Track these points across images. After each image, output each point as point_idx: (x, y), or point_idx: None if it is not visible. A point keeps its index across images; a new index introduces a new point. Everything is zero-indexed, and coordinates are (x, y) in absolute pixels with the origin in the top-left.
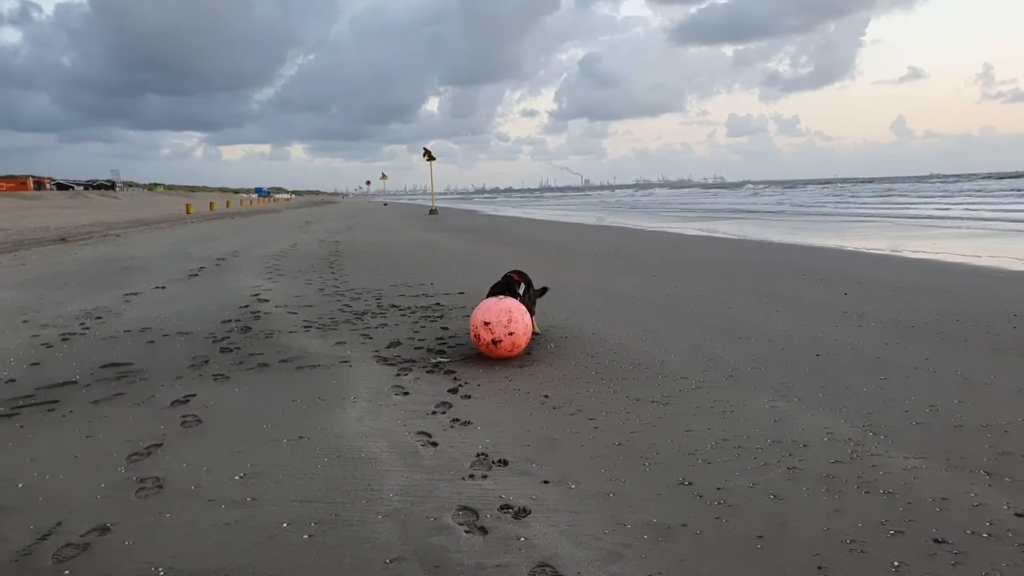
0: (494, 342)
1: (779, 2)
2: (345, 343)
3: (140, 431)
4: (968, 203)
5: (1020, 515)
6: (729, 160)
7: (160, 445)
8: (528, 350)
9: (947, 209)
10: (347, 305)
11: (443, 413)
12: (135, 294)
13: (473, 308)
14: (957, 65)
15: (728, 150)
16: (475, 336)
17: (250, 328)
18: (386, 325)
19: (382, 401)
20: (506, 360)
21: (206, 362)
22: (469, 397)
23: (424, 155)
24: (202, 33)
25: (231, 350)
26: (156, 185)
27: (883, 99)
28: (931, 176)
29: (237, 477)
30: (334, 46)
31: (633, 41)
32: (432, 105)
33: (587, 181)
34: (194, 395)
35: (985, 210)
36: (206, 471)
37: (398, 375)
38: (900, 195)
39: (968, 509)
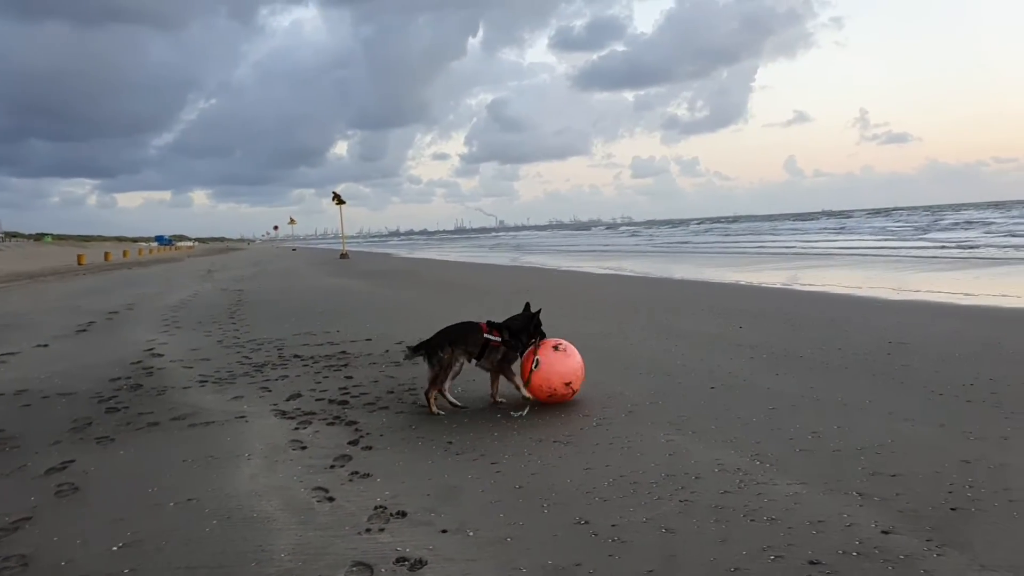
0: (555, 394)
1: (674, 49)
2: (242, 397)
3: (7, 504)
4: (852, 237)
5: (887, 532)
6: (636, 200)
7: (29, 519)
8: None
9: (834, 243)
10: (247, 357)
11: (342, 467)
12: (11, 354)
13: (379, 354)
14: (837, 109)
15: (634, 191)
16: (548, 395)
17: (141, 385)
18: (287, 377)
19: (278, 457)
20: (410, 408)
21: (89, 424)
22: (370, 448)
23: (334, 199)
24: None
25: (118, 410)
26: (43, 235)
27: (774, 141)
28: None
29: (115, 548)
30: (237, 90)
31: (539, 87)
32: (340, 149)
33: (501, 222)
34: (72, 461)
35: (867, 243)
36: (80, 544)
37: (296, 428)
38: (794, 231)
39: (841, 529)
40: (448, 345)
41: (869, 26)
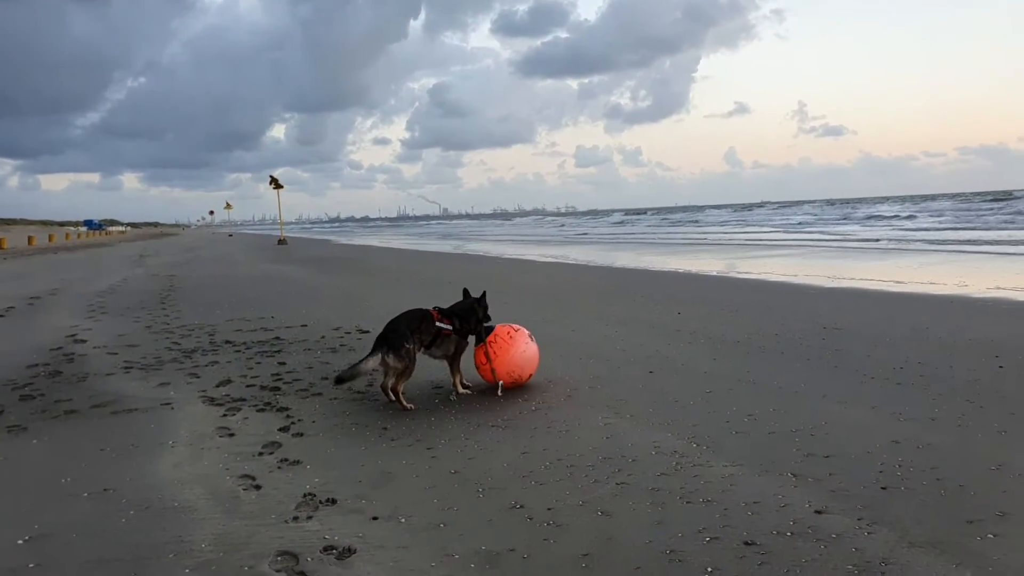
0: (517, 382)
1: (617, 38)
2: (169, 384)
3: None
4: (790, 227)
5: (819, 512)
6: (579, 190)
7: None
8: (369, 382)
9: (772, 232)
10: (176, 343)
11: (271, 454)
12: None
13: (314, 340)
14: (777, 102)
15: (577, 180)
16: (513, 382)
17: (60, 372)
18: (217, 363)
19: (204, 444)
20: (345, 394)
21: (0, 413)
22: (301, 435)
23: (271, 183)
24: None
25: (33, 397)
26: None
27: (715, 131)
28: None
29: (21, 541)
30: (168, 69)
31: (483, 72)
32: (278, 132)
33: (445, 210)
34: None
35: (804, 233)
36: None
37: (225, 415)
38: (734, 223)
39: (776, 510)
40: (411, 334)
41: (809, 20)
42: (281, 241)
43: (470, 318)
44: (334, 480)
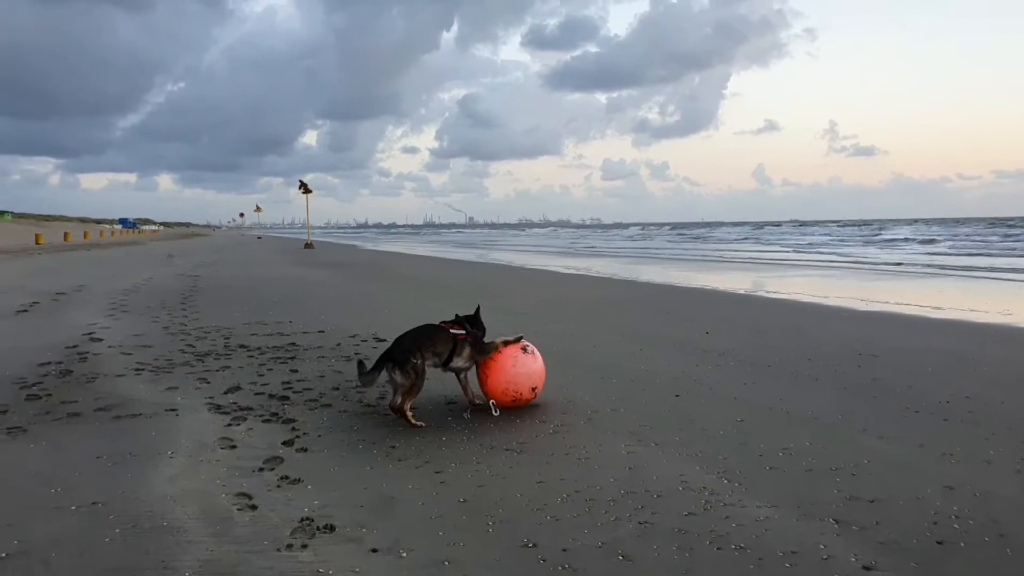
0: (518, 400)
1: (647, 53)
2: (177, 388)
3: None
4: (820, 246)
5: (868, 568)
6: (605, 203)
7: None
8: (381, 394)
9: (802, 252)
10: (190, 345)
11: (271, 470)
12: None
13: (329, 348)
14: (807, 120)
15: (604, 193)
16: (513, 400)
17: (71, 371)
18: (228, 368)
19: (203, 456)
20: (355, 407)
21: (3, 412)
22: (305, 450)
23: (300, 187)
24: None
25: (39, 397)
26: (2, 213)
27: (744, 148)
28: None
29: None
30: (206, 75)
31: (512, 84)
32: (310, 138)
33: (471, 219)
34: None
35: (835, 253)
36: None
37: (229, 425)
38: (759, 240)
39: (818, 563)
40: (418, 350)
41: (841, 39)
42: (308, 245)
43: (476, 323)
44: (334, 503)
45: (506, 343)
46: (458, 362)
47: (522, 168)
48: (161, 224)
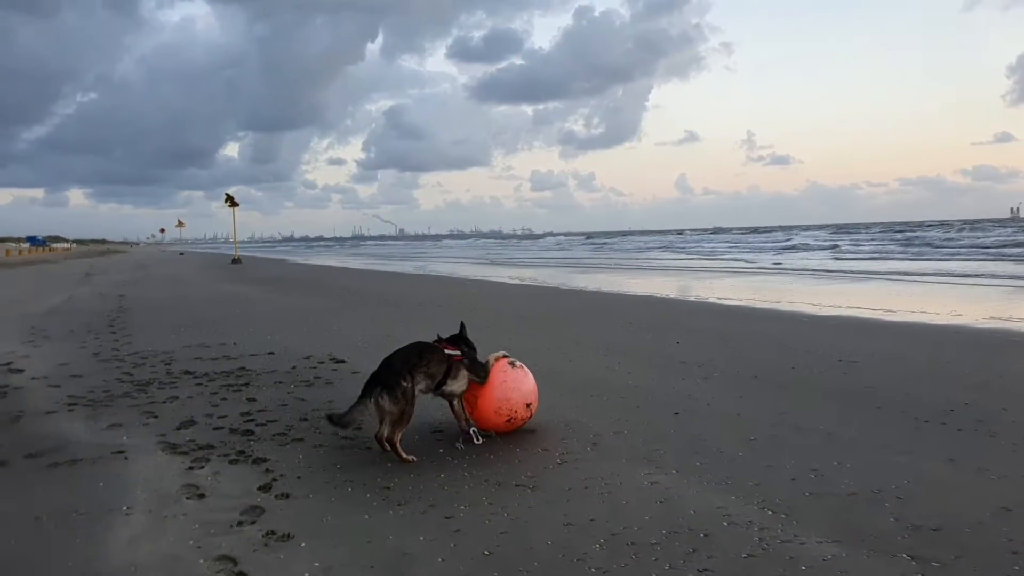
0: (515, 418)
1: (571, 66)
2: (121, 426)
3: None
4: (723, 254)
5: None
6: (535, 213)
7: None
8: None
9: (715, 259)
10: (128, 373)
11: (252, 523)
12: None
13: (284, 371)
14: (726, 131)
15: (533, 203)
16: (508, 420)
17: None
18: (177, 398)
19: (167, 510)
20: (330, 441)
21: None
22: (287, 496)
23: (226, 201)
24: None
25: None
26: None
27: (666, 159)
28: (714, 228)
29: None
30: (119, 85)
31: (440, 96)
32: (231, 150)
33: (402, 230)
34: None
35: (761, 258)
36: None
37: (191, 468)
38: (656, 247)
39: None
40: (409, 372)
41: (756, 53)
42: (235, 260)
43: (463, 341)
44: (339, 564)
45: (497, 359)
46: (452, 386)
47: (452, 179)
48: (74, 241)
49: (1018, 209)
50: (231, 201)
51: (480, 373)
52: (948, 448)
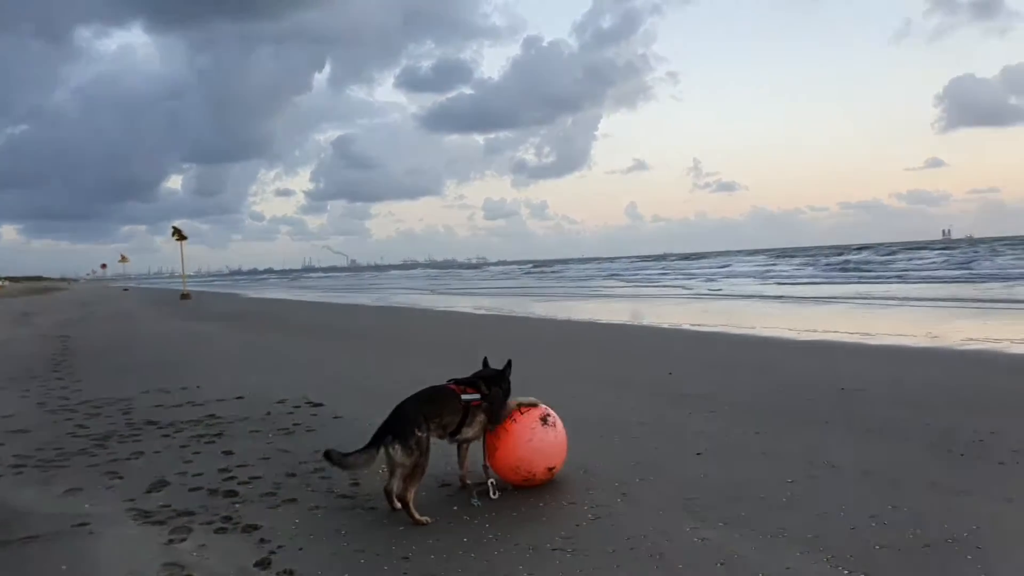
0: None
1: (520, 96)
2: (81, 490)
3: None
4: (683, 279)
5: None
6: (489, 242)
7: None
8: (354, 480)
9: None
10: (81, 426)
11: None
12: None
13: (258, 418)
14: (673, 158)
15: (487, 232)
16: (524, 480)
17: None
18: (142, 454)
19: None
20: (326, 500)
21: None
22: (291, 574)
23: (173, 234)
24: None
25: None
26: None
27: (616, 187)
28: (665, 255)
29: None
30: (53, 116)
31: (390, 126)
32: (175, 183)
33: (353, 261)
34: None
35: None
36: None
37: (171, 542)
38: (598, 276)
39: None
40: (424, 420)
41: (701, 82)
42: (184, 295)
43: (500, 382)
44: None
45: (521, 406)
46: (467, 433)
47: (404, 209)
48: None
49: (949, 231)
50: (179, 234)
51: (495, 419)
52: (996, 484)
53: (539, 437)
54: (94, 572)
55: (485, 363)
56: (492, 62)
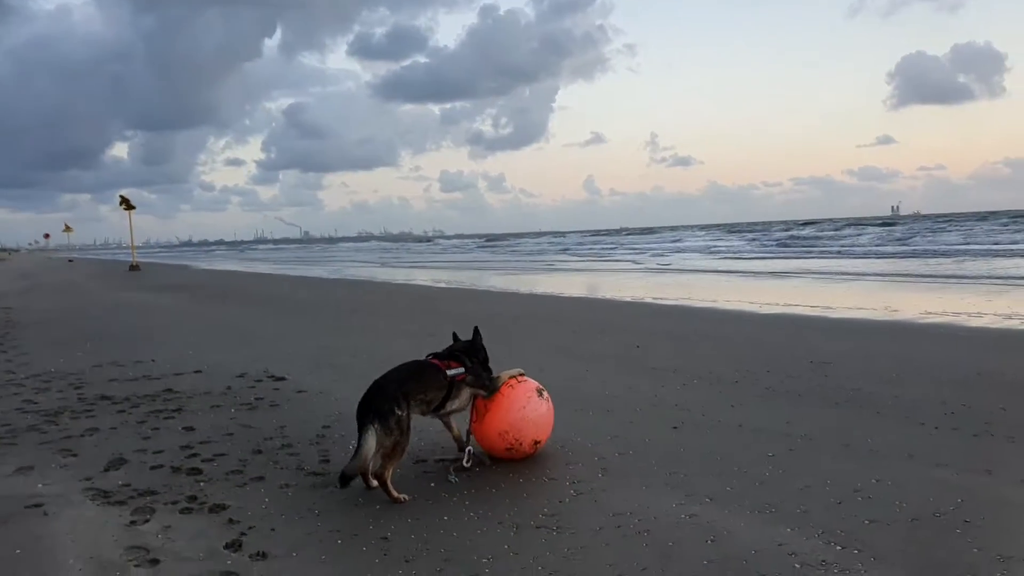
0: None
1: (477, 65)
2: (33, 468)
3: None
4: (636, 254)
5: None
6: (446, 215)
7: None
8: (324, 456)
9: (649, 259)
10: (30, 401)
11: None
12: None
13: (219, 392)
14: (630, 132)
15: (444, 205)
16: (507, 448)
17: None
18: (97, 431)
19: None
20: (296, 477)
21: None
22: (264, 556)
23: (121, 203)
24: None
25: None
26: None
27: (574, 160)
28: (622, 229)
29: None
30: None
31: (343, 94)
32: (119, 151)
33: (307, 233)
34: None
35: (673, 257)
36: None
37: (133, 523)
38: (551, 251)
39: None
40: (404, 398)
41: (658, 55)
42: (134, 266)
43: (476, 353)
44: None
45: (512, 378)
46: (453, 405)
47: (358, 180)
48: None
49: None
50: (126, 204)
51: (486, 385)
52: (974, 458)
53: (532, 407)
54: (51, 557)
55: (455, 337)
56: (448, 30)
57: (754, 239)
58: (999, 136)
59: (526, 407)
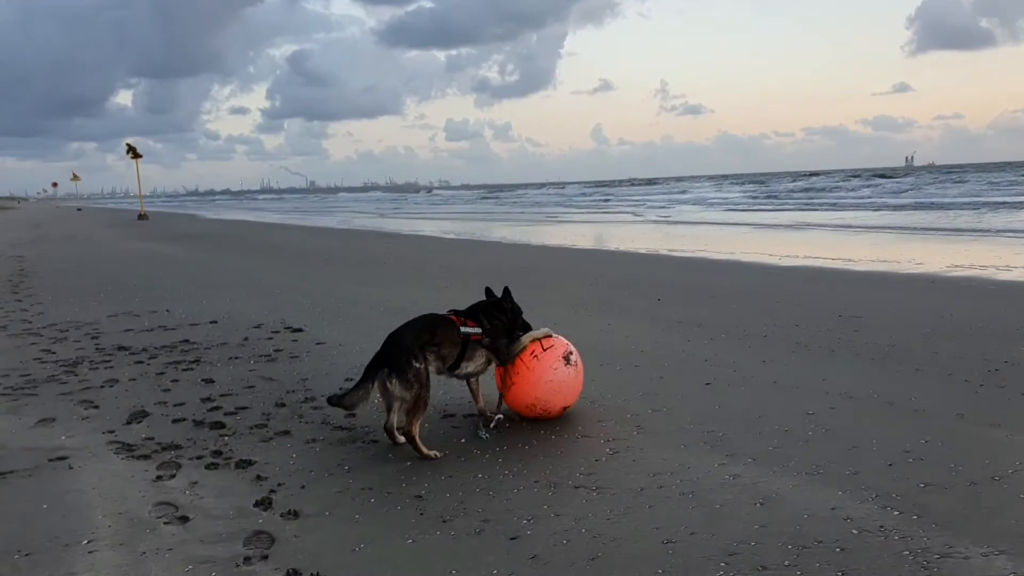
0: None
1: (481, 9)
2: (55, 420)
3: None
4: (656, 203)
5: None
6: (452, 164)
7: None
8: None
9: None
10: (48, 351)
11: (264, 558)
12: None
13: (236, 344)
14: (640, 79)
15: (449, 155)
16: (537, 416)
17: None
18: (117, 382)
19: (144, 542)
20: (322, 432)
21: None
22: (296, 515)
23: (128, 152)
24: None
25: None
26: None
27: (581, 108)
28: (630, 180)
29: None
30: None
31: (347, 40)
32: (124, 99)
33: (312, 183)
34: None
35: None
36: None
37: (159, 479)
38: (610, 198)
39: None
40: (420, 351)
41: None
42: (142, 216)
43: (501, 315)
44: None
45: (536, 340)
46: (468, 367)
47: (363, 129)
48: None
49: (912, 158)
50: (133, 152)
51: (502, 355)
52: None
53: (559, 378)
54: (78, 513)
55: (489, 293)
56: None
57: (767, 191)
58: (1021, 83)
59: (552, 380)
